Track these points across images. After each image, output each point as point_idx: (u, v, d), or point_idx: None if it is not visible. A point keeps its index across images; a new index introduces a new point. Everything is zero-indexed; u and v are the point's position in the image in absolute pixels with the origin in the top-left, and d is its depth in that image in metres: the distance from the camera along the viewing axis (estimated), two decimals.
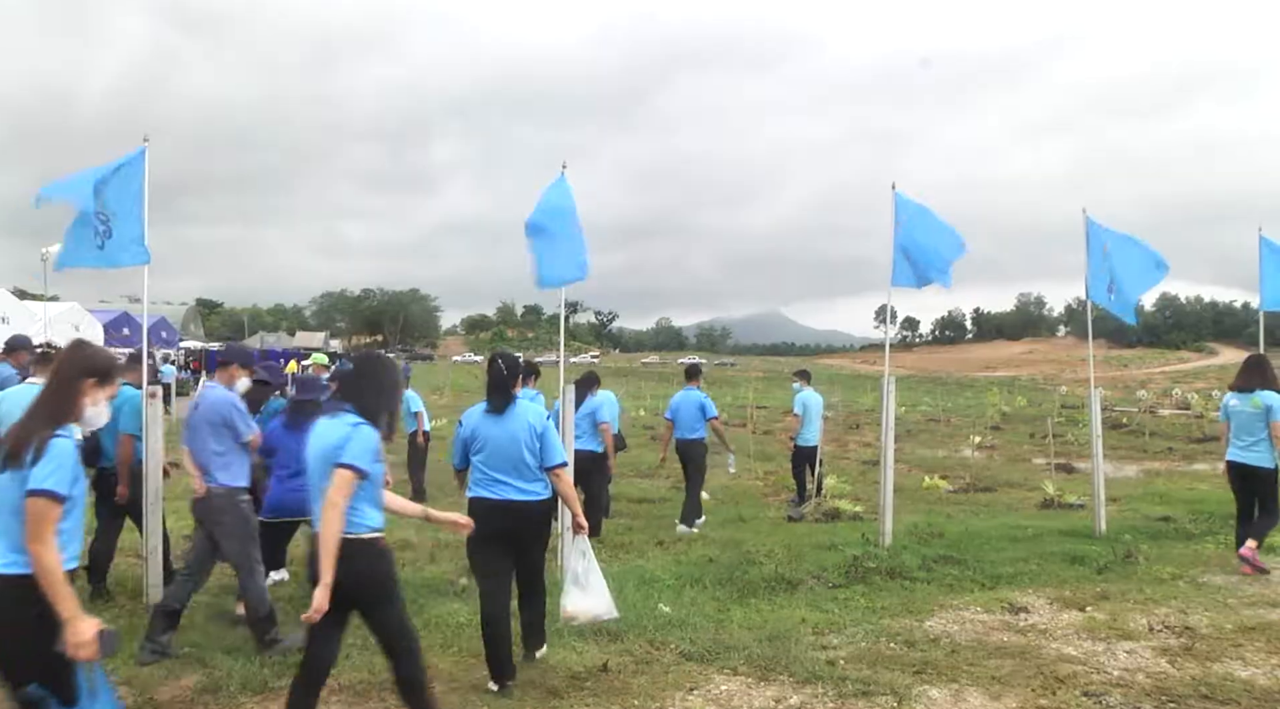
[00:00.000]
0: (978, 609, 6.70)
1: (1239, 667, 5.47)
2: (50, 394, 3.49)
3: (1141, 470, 17.35)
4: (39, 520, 3.12)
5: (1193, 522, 10.32)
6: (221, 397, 5.98)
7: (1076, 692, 5.04)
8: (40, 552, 3.09)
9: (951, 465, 16.81)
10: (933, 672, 5.32)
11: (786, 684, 5.12)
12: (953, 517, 11.00)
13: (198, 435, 5.81)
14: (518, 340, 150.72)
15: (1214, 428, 26.95)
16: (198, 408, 5.97)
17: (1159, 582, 7.56)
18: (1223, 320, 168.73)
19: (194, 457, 5.82)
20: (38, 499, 3.13)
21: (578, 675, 5.19)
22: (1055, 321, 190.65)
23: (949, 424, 27.91)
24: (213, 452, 5.78)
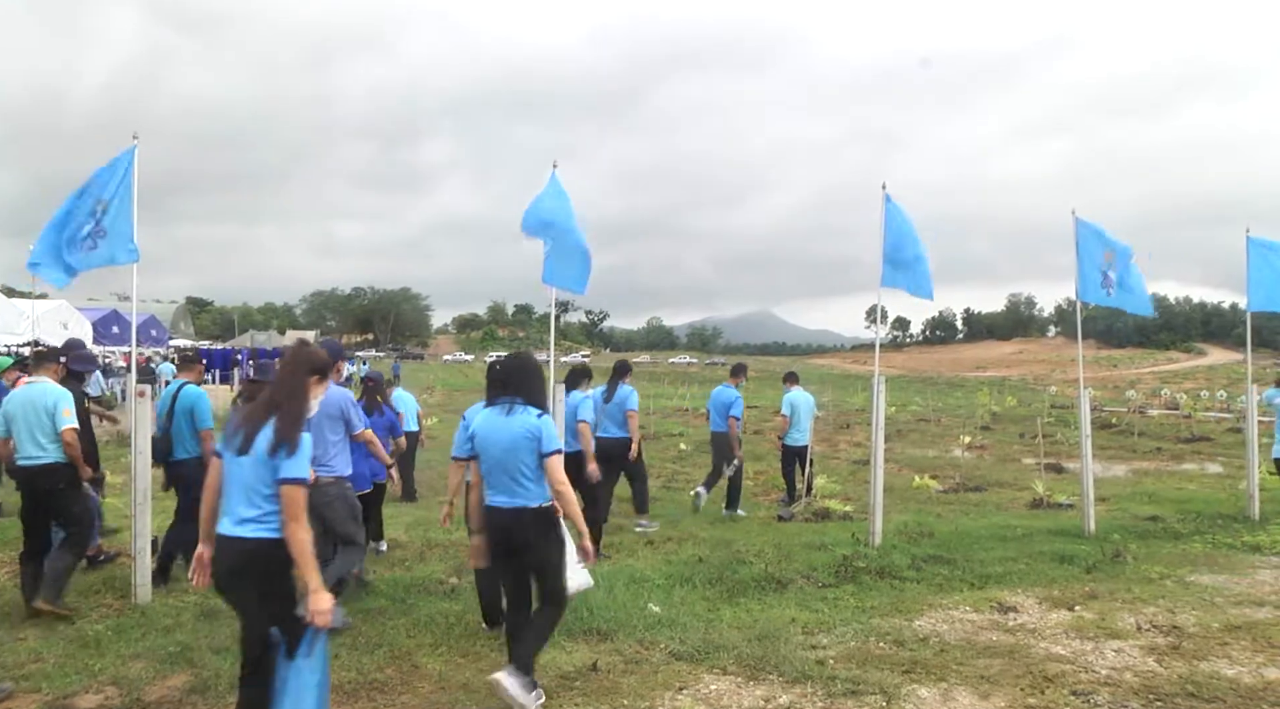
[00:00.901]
0: (967, 608, 6.71)
1: (1225, 665, 5.50)
2: (286, 392, 3.93)
3: (1130, 470, 17.40)
4: (295, 503, 3.69)
5: (1181, 521, 10.37)
6: (338, 391, 6.36)
7: (1065, 691, 5.05)
8: (296, 529, 3.66)
9: (942, 465, 16.83)
10: (922, 671, 5.33)
11: (776, 684, 5.12)
12: (943, 516, 11.03)
13: (316, 426, 5.82)
14: (509, 340, 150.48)
15: (1202, 428, 27.11)
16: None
17: (1147, 581, 7.60)
18: (1211, 321, 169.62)
19: None
20: (295, 487, 3.70)
21: (567, 675, 5.19)
22: (1046, 322, 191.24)
23: (939, 424, 27.96)
24: (329, 441, 6.17)
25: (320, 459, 5.97)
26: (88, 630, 5.97)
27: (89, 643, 5.74)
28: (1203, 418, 32.36)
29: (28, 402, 6.44)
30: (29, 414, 6.37)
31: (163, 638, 5.80)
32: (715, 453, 11.62)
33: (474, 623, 6.13)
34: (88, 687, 5.03)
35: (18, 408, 6.44)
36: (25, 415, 6.37)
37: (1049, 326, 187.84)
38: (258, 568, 3.75)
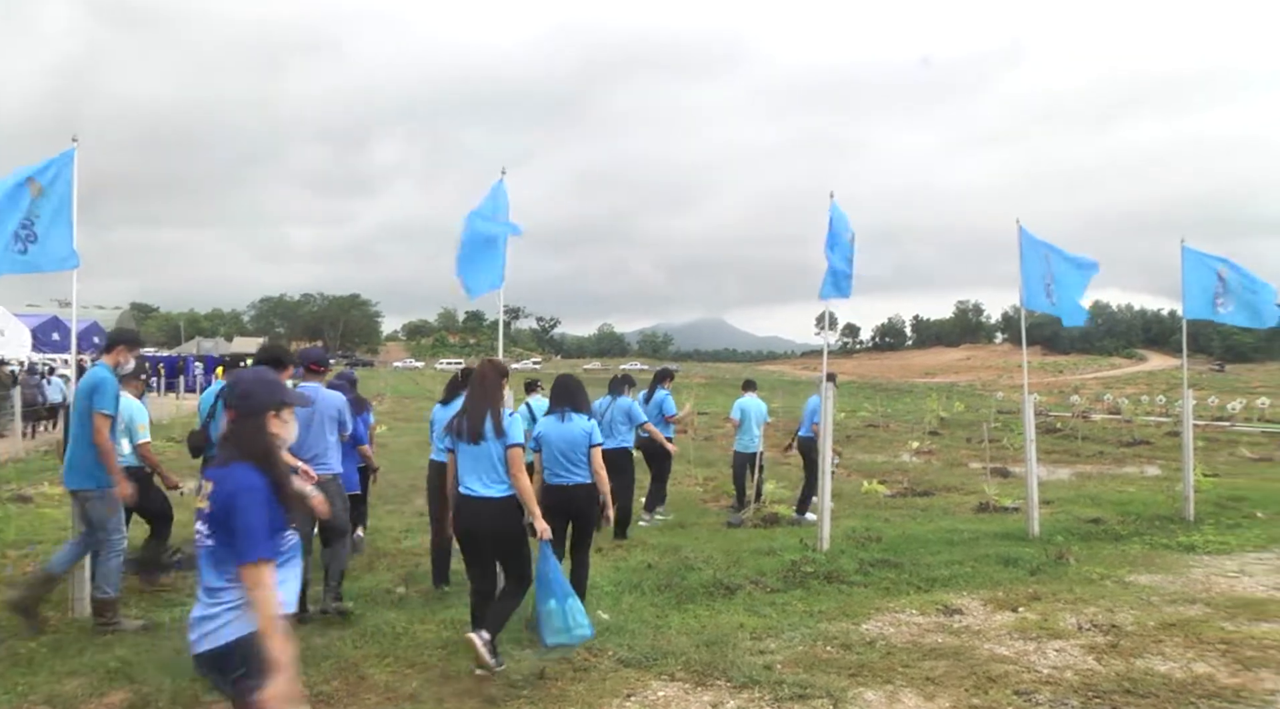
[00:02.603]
0: (913, 611, 6.78)
1: (1159, 662, 5.64)
2: (490, 390, 5.56)
3: (1074, 474, 17.71)
4: (518, 460, 5.33)
5: (1121, 523, 10.57)
6: (336, 396, 6.81)
7: (1008, 690, 5.13)
8: (520, 477, 5.32)
9: (890, 470, 17.01)
10: (868, 674, 5.38)
11: (723, 689, 5.14)
12: (890, 521, 11.13)
13: (314, 429, 6.45)
14: (459, 346, 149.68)
15: (1143, 432, 27.69)
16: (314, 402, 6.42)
17: (1088, 582, 7.74)
18: (1152, 328, 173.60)
19: (300, 448, 6.17)
20: (517, 449, 5.35)
21: (514, 684, 5.16)
22: (993, 329, 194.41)
23: (888, 429, 28.27)
24: (328, 442, 6.58)
25: (319, 458, 6.45)
26: (20, 648, 5.77)
27: (21, 660, 5.55)
28: (1143, 422, 33.08)
29: None
30: None
31: (102, 653, 5.65)
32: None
33: (421, 633, 6.08)
34: (17, 707, 4.89)
35: None
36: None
37: (996, 333, 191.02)
38: (503, 513, 5.38)
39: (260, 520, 2.99)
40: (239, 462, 3.09)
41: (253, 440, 3.15)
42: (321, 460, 6.45)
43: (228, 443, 3.18)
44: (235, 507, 2.98)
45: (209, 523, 3.03)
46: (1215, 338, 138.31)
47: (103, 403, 6.12)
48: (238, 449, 3.13)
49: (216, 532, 3.02)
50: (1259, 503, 12.09)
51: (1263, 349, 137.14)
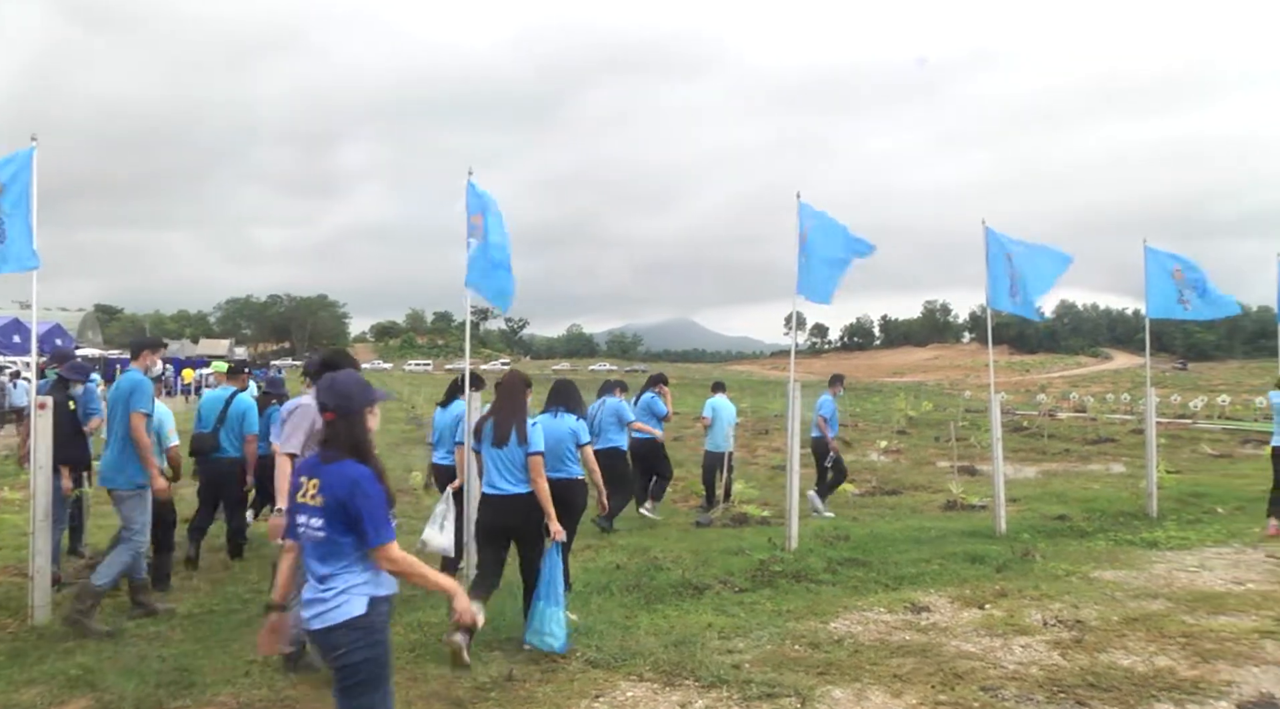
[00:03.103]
0: (881, 610, 6.82)
1: (1122, 656, 5.71)
2: (516, 398, 6.12)
3: (1040, 471, 17.87)
4: (539, 468, 5.91)
5: (1086, 520, 10.69)
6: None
7: (974, 687, 5.17)
8: (540, 482, 5.91)
9: (859, 469, 17.08)
10: (836, 672, 5.40)
11: (692, 689, 5.14)
12: (859, 520, 11.19)
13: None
14: (427, 347, 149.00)
15: (1108, 430, 28.01)
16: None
17: (1054, 578, 7.81)
18: (1116, 327, 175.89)
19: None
20: (537, 457, 5.92)
21: (482, 686, 5.14)
22: (961, 328, 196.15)
23: (856, 429, 28.40)
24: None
25: None
26: None
27: None
28: (1108, 420, 33.51)
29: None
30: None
31: (62, 661, 5.56)
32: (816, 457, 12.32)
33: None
34: None
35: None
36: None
37: (964, 333, 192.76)
38: (528, 508, 5.93)
39: (380, 506, 3.31)
40: (345, 457, 3.37)
41: (354, 436, 3.43)
42: None
43: (331, 441, 3.42)
44: (354, 498, 3.27)
45: (322, 515, 3.30)
46: (1178, 337, 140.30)
47: (141, 403, 6.37)
48: (342, 445, 3.40)
49: (331, 522, 3.30)
50: (1219, 499, 12.28)
51: (1224, 347, 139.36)
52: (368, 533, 3.26)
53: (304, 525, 3.38)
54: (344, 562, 3.32)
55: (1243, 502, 12.18)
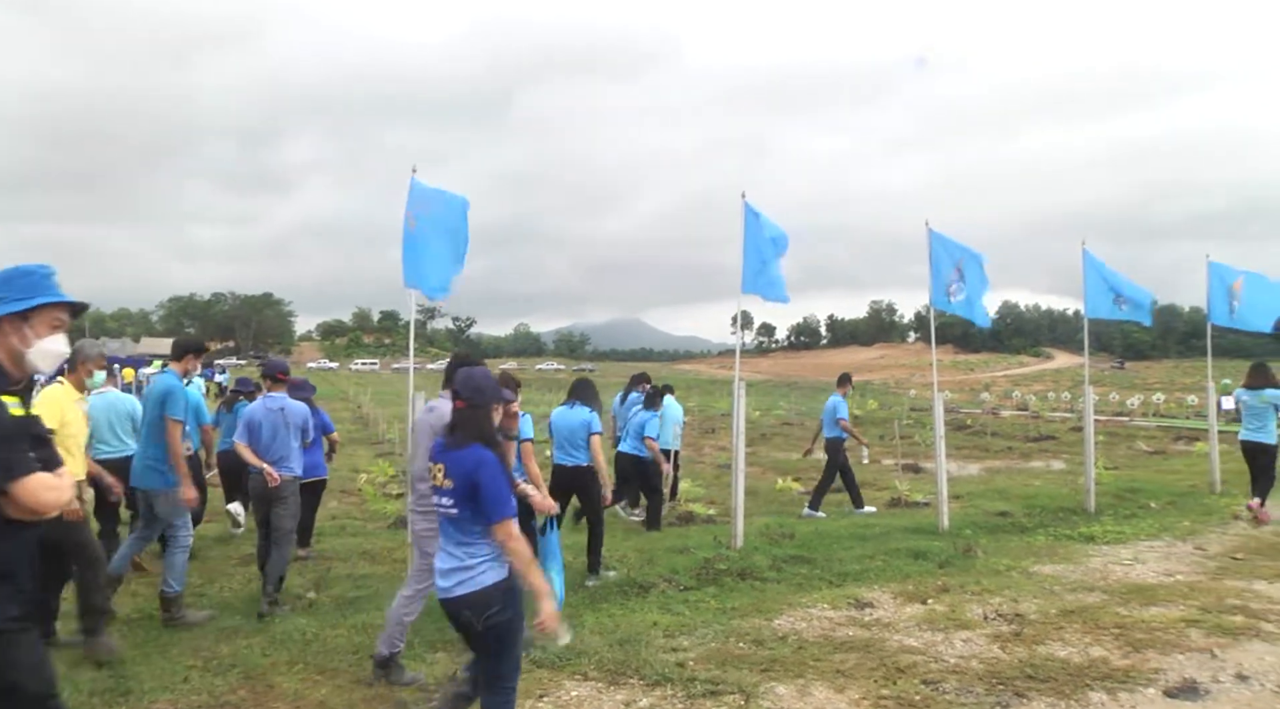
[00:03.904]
0: (825, 606, 6.88)
1: (1059, 647, 5.83)
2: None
3: (983, 469, 18.15)
4: (529, 453, 6.40)
5: (1027, 516, 10.88)
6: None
7: (916, 680, 5.24)
8: (530, 466, 6.37)
9: (805, 467, 17.21)
10: (780, 668, 5.43)
11: (636, 687, 5.14)
12: (804, 518, 11.27)
13: (280, 435, 7.07)
14: (374, 346, 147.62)
15: (1049, 427, 28.53)
16: (283, 411, 7.16)
17: (995, 573, 7.94)
18: (1057, 327, 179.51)
19: (266, 451, 6.98)
20: (527, 443, 6.42)
21: (425, 688, 5.10)
22: (906, 328, 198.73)
23: (803, 427, 28.63)
24: (292, 448, 7.14)
25: (284, 461, 7.05)
26: None
27: None
28: (1049, 418, 34.16)
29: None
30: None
31: None
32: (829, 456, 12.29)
33: (332, 639, 5.97)
34: None
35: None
36: None
37: (909, 332, 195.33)
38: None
39: (502, 487, 3.69)
40: (472, 443, 3.76)
41: (482, 426, 3.82)
42: (285, 463, 7.07)
43: (459, 427, 3.83)
44: (480, 480, 3.66)
45: (454, 496, 3.73)
46: (1117, 337, 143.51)
47: (174, 409, 6.46)
48: (470, 433, 3.79)
49: (462, 502, 3.71)
50: (1153, 494, 12.58)
51: (1159, 347, 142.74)
52: (489, 510, 3.65)
53: (440, 505, 3.81)
54: (479, 535, 3.72)
55: (1174, 496, 12.51)
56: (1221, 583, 7.61)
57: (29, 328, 2.98)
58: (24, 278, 3.02)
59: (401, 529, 8.82)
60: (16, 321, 2.96)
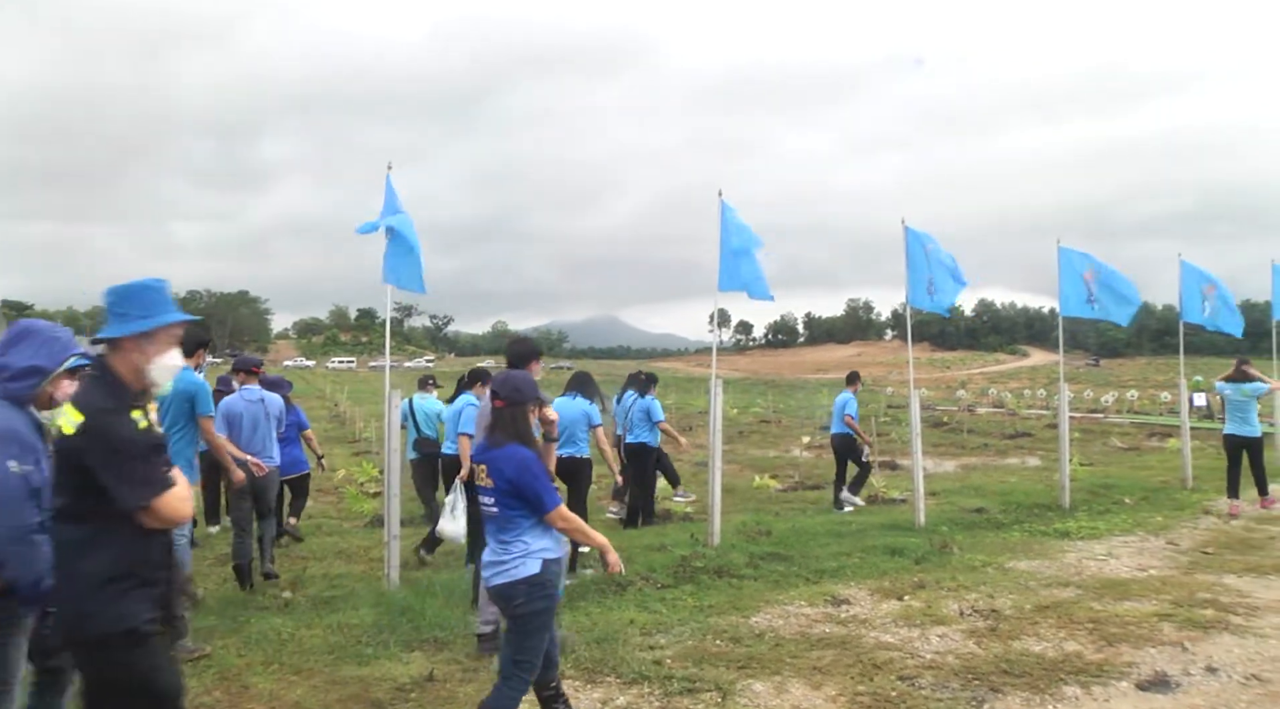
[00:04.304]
0: (802, 603, 6.89)
1: (1034, 642, 5.87)
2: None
3: (959, 466, 18.28)
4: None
5: (1003, 512, 10.94)
6: (276, 398, 7.81)
7: (892, 676, 5.25)
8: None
9: (782, 465, 17.32)
10: (757, 666, 5.44)
11: (613, 685, 5.14)
12: (781, 515, 11.30)
13: (260, 427, 7.46)
14: (351, 344, 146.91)
15: (1025, 424, 28.74)
16: (263, 402, 7.55)
17: (971, 569, 7.99)
18: (1033, 325, 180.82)
19: (248, 444, 7.28)
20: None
21: (403, 687, 5.07)
22: (883, 326, 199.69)
23: (780, 425, 28.76)
24: (271, 439, 7.55)
25: (264, 452, 7.41)
26: None
27: None
28: (1025, 415, 34.42)
29: None
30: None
31: None
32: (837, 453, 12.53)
33: (308, 639, 5.93)
34: None
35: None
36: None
37: (886, 330, 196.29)
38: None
39: (544, 482, 3.99)
40: (510, 442, 4.03)
41: (518, 425, 4.09)
42: (265, 454, 7.44)
43: (498, 426, 4.09)
44: (522, 477, 3.94)
45: (494, 494, 4.01)
46: (1091, 335, 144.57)
47: (206, 407, 6.51)
48: (508, 432, 4.06)
49: (504, 499, 3.99)
50: (1126, 490, 12.69)
51: (1133, 345, 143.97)
52: (541, 503, 3.95)
53: (483, 503, 4.10)
54: (518, 531, 3.99)
55: (1147, 492, 12.63)
56: (1193, 577, 7.69)
57: (151, 344, 3.12)
58: (145, 294, 3.13)
59: (378, 528, 8.79)
60: (140, 339, 3.10)
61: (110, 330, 3.09)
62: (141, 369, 3.12)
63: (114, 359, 3.10)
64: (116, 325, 3.09)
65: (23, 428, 3.34)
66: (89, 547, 2.95)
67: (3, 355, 3.42)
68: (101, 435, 2.92)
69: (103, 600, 2.93)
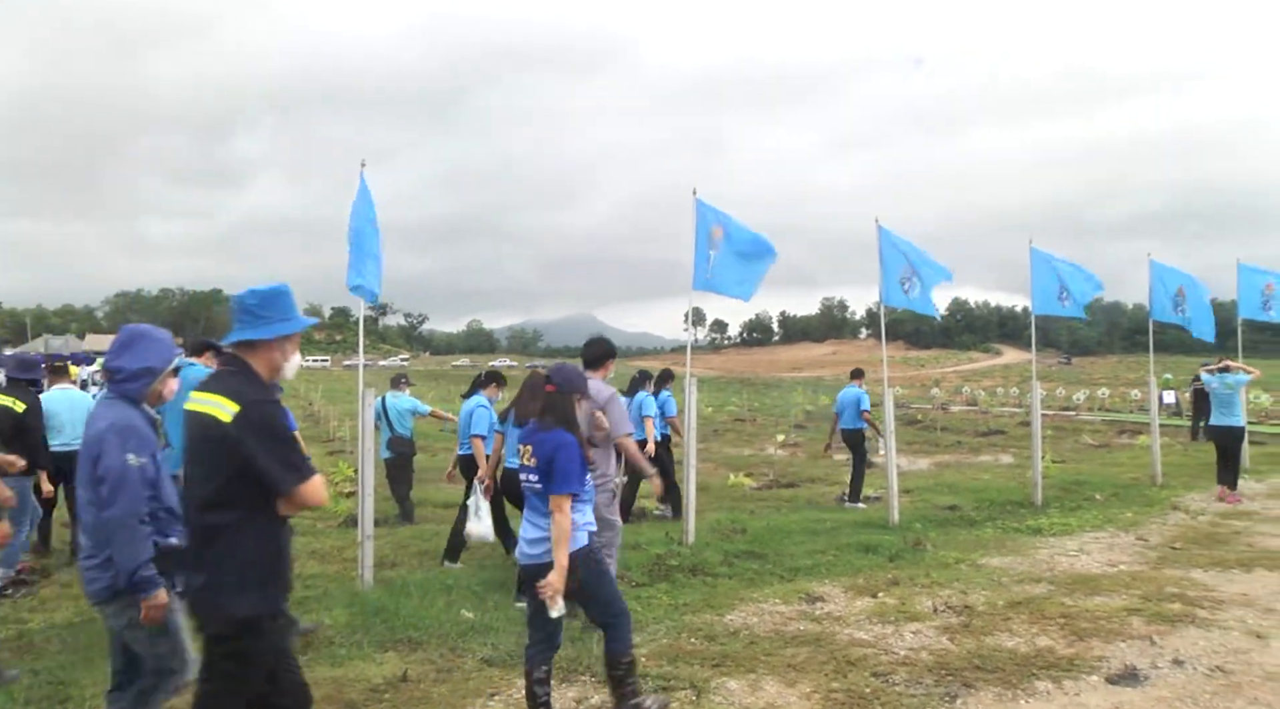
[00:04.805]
0: (777, 601, 6.91)
1: (1007, 638, 5.92)
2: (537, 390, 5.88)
3: (933, 463, 18.37)
4: None
5: (976, 509, 11.03)
6: None
7: (866, 673, 5.28)
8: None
9: (757, 463, 17.34)
10: (731, 664, 5.45)
11: (588, 684, 5.13)
12: (756, 513, 11.32)
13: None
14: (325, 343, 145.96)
15: (998, 422, 28.94)
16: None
17: (944, 566, 8.04)
18: (1006, 324, 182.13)
19: None
20: None
21: (376, 688, 5.04)
22: (858, 324, 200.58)
23: (755, 423, 28.82)
24: None
25: None
26: None
27: None
28: (998, 413, 34.65)
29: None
30: None
31: None
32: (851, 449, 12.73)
33: None
34: None
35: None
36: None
37: (861, 329, 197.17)
38: None
39: (576, 468, 4.28)
40: (556, 427, 4.38)
41: (565, 412, 4.44)
42: None
43: (549, 410, 4.45)
44: (557, 458, 4.25)
45: (538, 472, 4.32)
46: (1064, 333, 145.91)
47: None
48: (557, 416, 4.42)
49: (545, 478, 4.30)
50: (1097, 486, 12.81)
51: (1104, 343, 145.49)
52: (556, 481, 4.23)
53: (528, 482, 4.41)
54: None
55: (1118, 488, 12.76)
56: (1161, 572, 7.78)
57: (289, 345, 3.45)
58: (282, 299, 3.40)
59: (352, 528, 8.73)
60: (282, 340, 3.40)
61: (257, 332, 3.34)
62: (279, 367, 3.43)
63: (252, 357, 3.35)
64: (261, 327, 3.34)
65: (140, 424, 3.66)
66: (237, 532, 3.14)
67: (116, 359, 3.74)
68: (260, 422, 3.14)
69: (250, 584, 3.14)
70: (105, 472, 3.47)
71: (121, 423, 3.59)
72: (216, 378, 3.36)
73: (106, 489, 3.46)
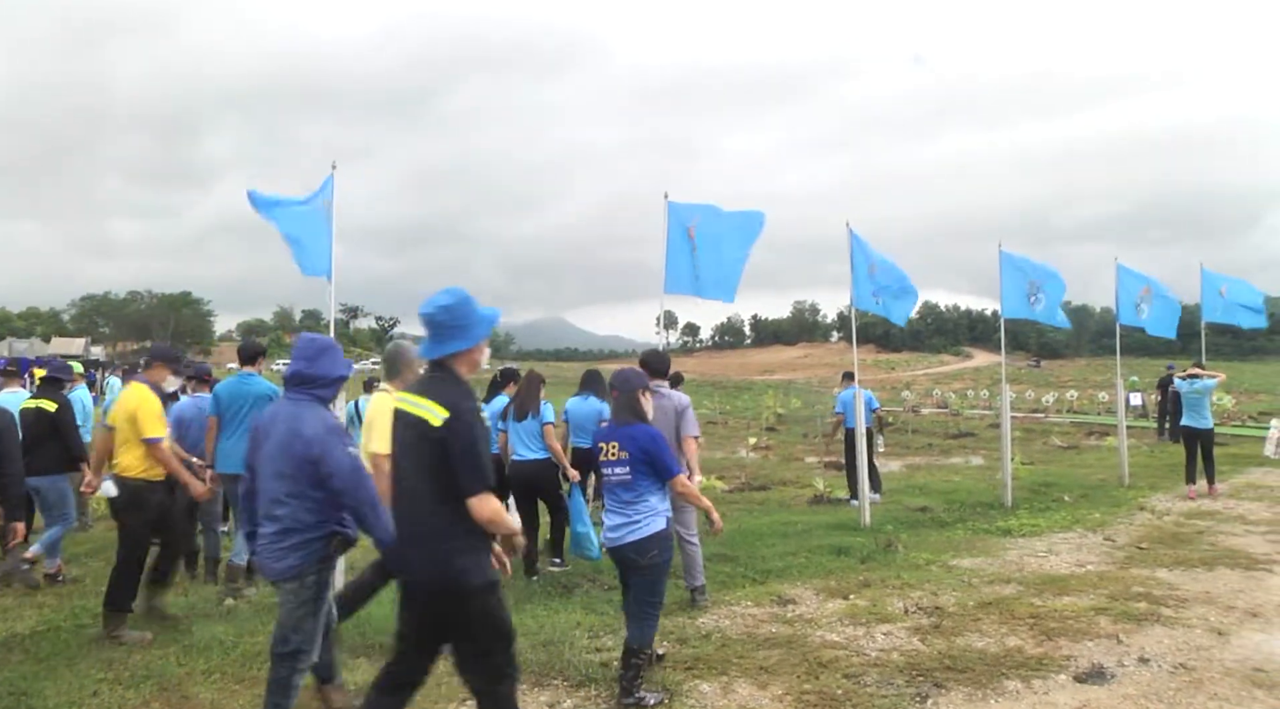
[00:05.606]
0: (749, 603, 6.94)
1: (977, 638, 5.98)
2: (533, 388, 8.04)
3: (905, 465, 18.47)
4: (550, 434, 7.89)
5: (947, 511, 11.11)
6: None
7: (838, 674, 5.32)
8: (553, 444, 7.89)
9: (728, 466, 17.35)
10: (704, 666, 5.47)
11: (560, 688, 5.13)
12: (727, 515, 11.23)
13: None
14: None
15: (968, 424, 29.16)
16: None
17: (915, 568, 8.10)
18: (976, 327, 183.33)
19: (194, 448, 7.35)
20: (548, 425, 7.89)
21: (349, 694, 5.00)
22: (829, 328, 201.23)
23: (726, 426, 28.86)
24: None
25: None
26: None
27: None
28: (968, 415, 34.90)
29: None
30: None
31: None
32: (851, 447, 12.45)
33: (251, 646, 5.83)
34: None
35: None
36: None
37: (832, 332, 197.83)
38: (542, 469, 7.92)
39: (669, 451, 5.02)
40: (635, 422, 5.04)
41: (636, 408, 5.11)
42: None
43: (621, 411, 5.12)
44: (652, 449, 4.92)
45: (627, 464, 4.93)
46: (1033, 336, 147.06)
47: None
48: (629, 413, 5.08)
49: (638, 467, 4.92)
50: (1066, 488, 12.96)
51: (1073, 346, 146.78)
52: (668, 469, 4.93)
53: (611, 474, 4.99)
54: (644, 493, 4.91)
55: (1086, 489, 12.92)
56: (1128, 571, 7.88)
57: (483, 347, 3.74)
58: (466, 306, 3.62)
59: None
60: (480, 344, 3.70)
61: (464, 343, 3.61)
62: (478, 364, 3.73)
63: (457, 363, 3.63)
64: (462, 338, 3.61)
65: (340, 425, 4.21)
66: (462, 517, 3.45)
67: (312, 367, 4.16)
68: (466, 427, 3.45)
69: (475, 558, 3.55)
70: (336, 468, 3.96)
71: (333, 425, 4.12)
72: (428, 383, 3.62)
73: (341, 482, 3.95)
